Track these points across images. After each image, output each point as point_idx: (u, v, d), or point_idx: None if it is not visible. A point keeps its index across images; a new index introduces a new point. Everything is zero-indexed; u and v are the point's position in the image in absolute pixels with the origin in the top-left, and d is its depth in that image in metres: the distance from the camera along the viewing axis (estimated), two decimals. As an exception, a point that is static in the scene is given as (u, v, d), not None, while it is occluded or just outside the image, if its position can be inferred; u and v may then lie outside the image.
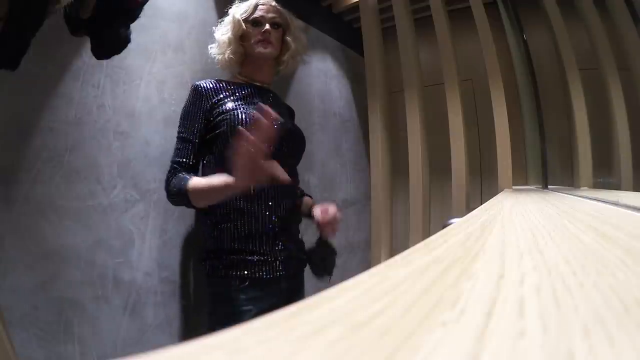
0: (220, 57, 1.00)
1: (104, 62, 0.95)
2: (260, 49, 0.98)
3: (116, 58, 0.82)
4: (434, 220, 1.80)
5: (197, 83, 0.96)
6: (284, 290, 0.92)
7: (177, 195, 0.85)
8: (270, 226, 0.91)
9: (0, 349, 0.58)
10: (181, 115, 0.95)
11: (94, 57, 0.75)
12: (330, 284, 0.16)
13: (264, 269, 0.88)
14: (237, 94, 0.96)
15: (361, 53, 1.94)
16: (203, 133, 0.92)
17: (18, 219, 0.78)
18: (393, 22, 1.80)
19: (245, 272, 0.87)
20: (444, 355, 0.09)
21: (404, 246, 0.41)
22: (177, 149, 0.91)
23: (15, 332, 0.74)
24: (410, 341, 0.10)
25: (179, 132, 0.93)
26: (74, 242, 0.87)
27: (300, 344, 0.10)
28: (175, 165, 0.89)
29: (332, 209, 0.96)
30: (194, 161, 0.91)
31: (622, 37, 1.30)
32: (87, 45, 0.75)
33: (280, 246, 0.91)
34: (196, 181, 0.83)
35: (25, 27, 0.59)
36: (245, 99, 0.96)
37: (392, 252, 1.78)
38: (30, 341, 0.78)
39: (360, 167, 2.14)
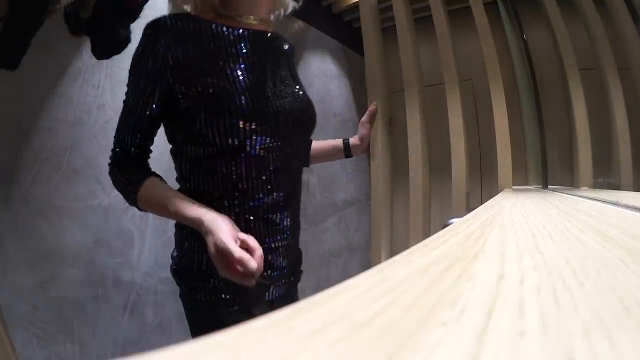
0: None
1: (104, 62, 0.95)
2: None
3: (116, 58, 0.83)
4: (434, 220, 1.80)
5: (159, 19, 0.62)
6: (275, 307, 0.70)
7: (124, 194, 0.67)
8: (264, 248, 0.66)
9: (0, 349, 0.58)
10: (130, 70, 0.64)
11: (94, 57, 0.75)
12: (329, 284, 0.16)
13: (253, 293, 0.67)
14: (222, 41, 0.64)
15: (361, 53, 1.94)
16: (166, 102, 0.62)
17: (17, 218, 0.79)
18: (393, 22, 1.79)
19: (229, 296, 0.66)
20: (444, 355, 0.09)
21: (404, 246, 0.41)
22: (121, 121, 0.64)
23: (15, 332, 0.74)
24: (410, 341, 0.10)
25: (126, 96, 0.64)
26: (73, 242, 0.87)
27: (300, 344, 0.10)
28: (117, 149, 0.65)
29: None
30: (144, 143, 0.65)
31: (622, 37, 1.30)
32: (87, 45, 0.75)
33: (274, 272, 0.70)
34: (154, 193, 0.63)
35: (26, 27, 0.59)
36: (233, 49, 0.65)
37: (392, 252, 1.78)
38: (30, 341, 0.78)
39: (360, 167, 2.14)
